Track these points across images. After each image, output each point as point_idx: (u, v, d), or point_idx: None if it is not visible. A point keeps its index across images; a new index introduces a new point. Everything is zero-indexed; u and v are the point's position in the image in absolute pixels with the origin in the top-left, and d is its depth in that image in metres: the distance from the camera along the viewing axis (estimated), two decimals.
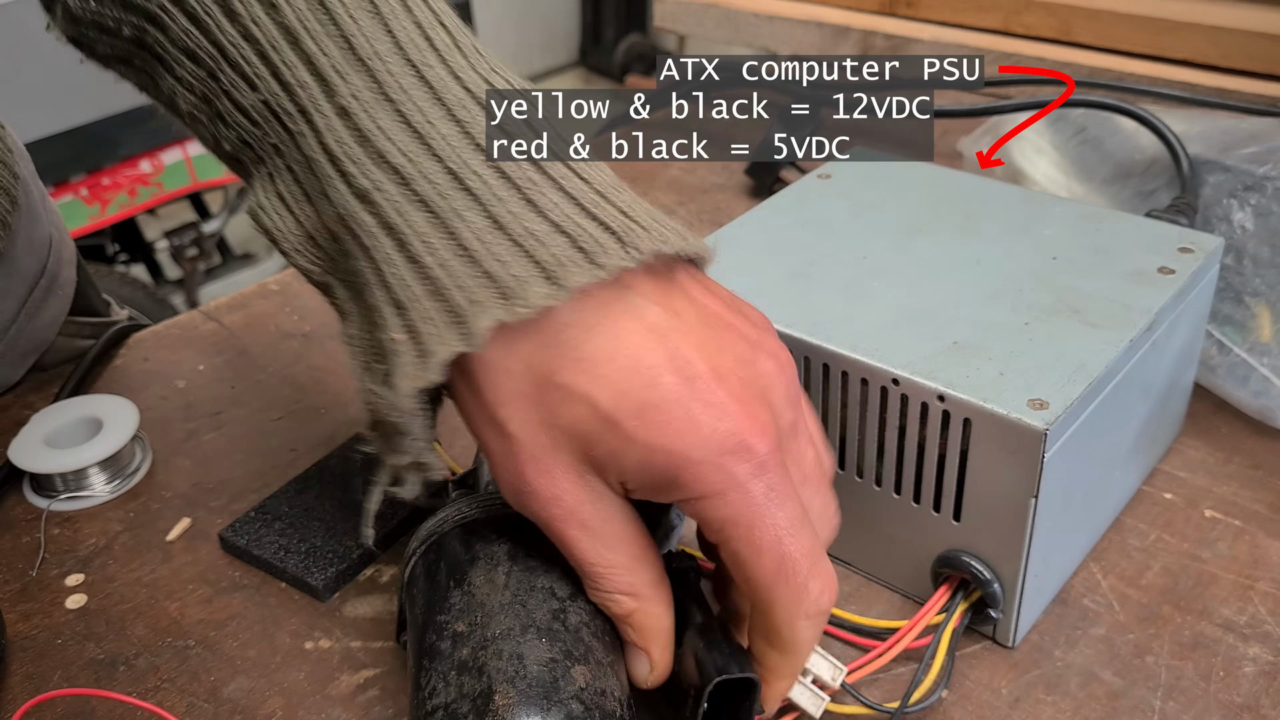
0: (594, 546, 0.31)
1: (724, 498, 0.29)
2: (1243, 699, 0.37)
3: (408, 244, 0.29)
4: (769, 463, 0.29)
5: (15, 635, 0.41)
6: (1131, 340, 0.38)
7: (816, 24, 0.91)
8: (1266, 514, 0.44)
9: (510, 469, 0.31)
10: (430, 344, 0.29)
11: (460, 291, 0.28)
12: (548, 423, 0.30)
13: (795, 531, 0.30)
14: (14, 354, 0.55)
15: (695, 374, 0.29)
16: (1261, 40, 0.74)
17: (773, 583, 0.30)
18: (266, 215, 0.32)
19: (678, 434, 0.29)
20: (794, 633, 0.31)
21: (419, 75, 0.30)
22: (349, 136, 0.30)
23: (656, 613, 0.32)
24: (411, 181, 0.29)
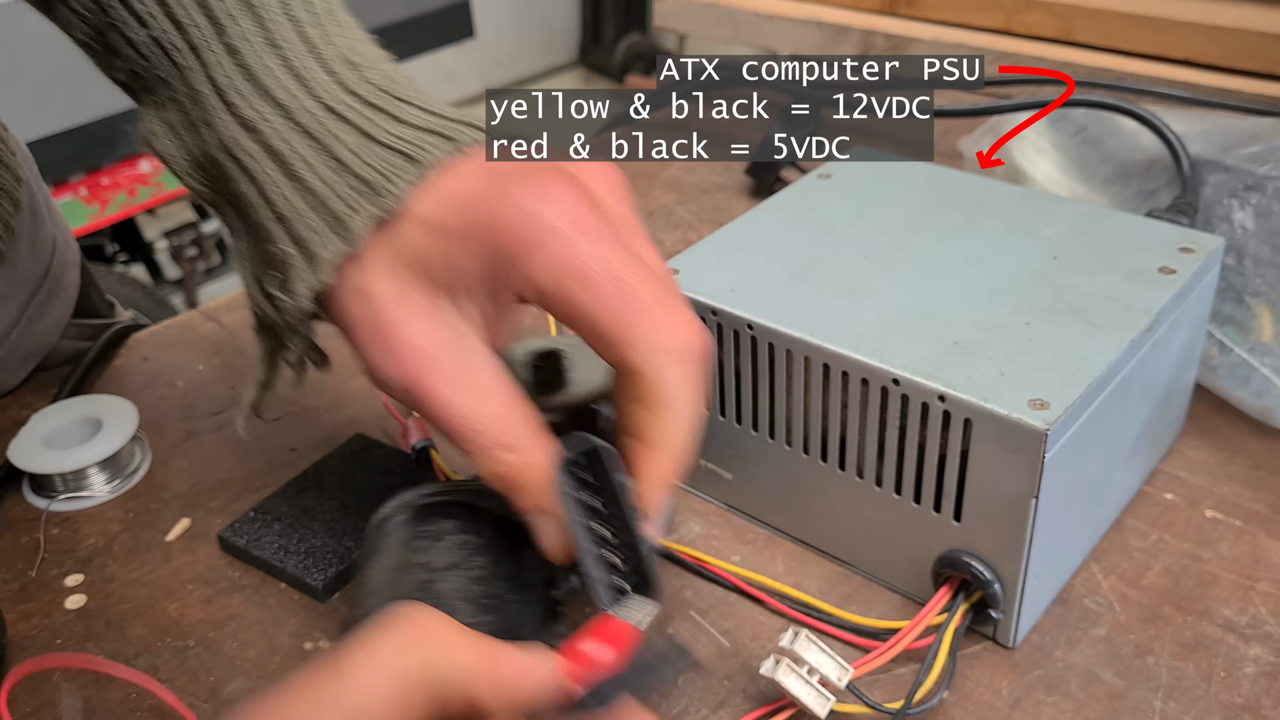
0: (460, 398, 0.32)
1: (545, 247, 0.31)
2: (1243, 699, 0.37)
3: (290, 166, 0.33)
4: (581, 209, 0.31)
5: (15, 635, 0.41)
6: (1132, 340, 0.38)
7: (817, 23, 0.90)
8: (1267, 514, 0.44)
9: (374, 331, 0.32)
10: (317, 249, 0.32)
11: (339, 200, 0.32)
12: (392, 264, 0.32)
13: (630, 264, 0.31)
14: (15, 358, 0.55)
15: (505, 171, 0.32)
16: (1262, 40, 0.74)
17: (618, 317, 0.30)
18: (158, 140, 0.36)
19: (492, 210, 0.31)
20: (657, 374, 0.30)
21: (300, 31, 0.34)
22: (236, 73, 0.34)
23: (539, 463, 0.32)
24: (293, 114, 0.33)
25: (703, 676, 0.39)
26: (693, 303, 0.42)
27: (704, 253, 0.45)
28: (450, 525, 0.35)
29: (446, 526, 0.35)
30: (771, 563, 0.44)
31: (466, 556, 0.34)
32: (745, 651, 0.40)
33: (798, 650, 0.35)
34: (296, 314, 0.33)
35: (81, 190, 1.81)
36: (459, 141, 0.33)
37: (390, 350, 0.32)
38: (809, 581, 0.43)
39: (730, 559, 0.43)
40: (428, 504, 0.35)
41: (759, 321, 0.41)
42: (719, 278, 0.43)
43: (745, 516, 0.46)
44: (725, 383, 0.43)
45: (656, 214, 0.71)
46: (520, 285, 0.32)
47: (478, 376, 0.32)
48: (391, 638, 0.25)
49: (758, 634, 0.40)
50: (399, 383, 0.32)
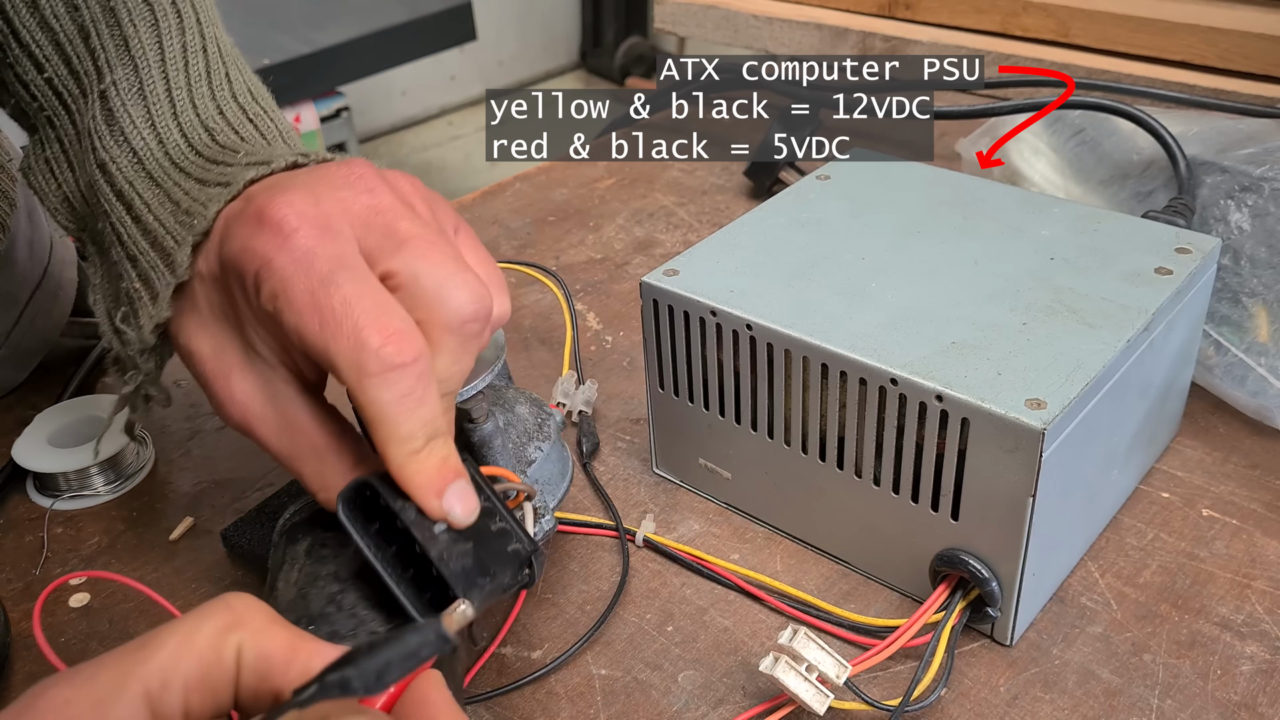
0: (278, 442, 0.33)
1: (262, 275, 0.31)
2: (1240, 697, 0.37)
3: (134, 207, 0.35)
4: (289, 231, 0.31)
5: (19, 634, 0.41)
6: (1129, 340, 0.38)
7: (816, 26, 0.91)
8: (1263, 513, 0.45)
9: (205, 387, 0.34)
10: (158, 285, 0.34)
11: (169, 236, 0.34)
12: (201, 322, 0.34)
13: (332, 284, 0.30)
14: (17, 356, 0.56)
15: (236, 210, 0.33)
16: (1258, 41, 0.74)
17: (320, 340, 0.30)
18: (34, 175, 0.38)
19: (225, 244, 0.32)
20: (365, 395, 0.30)
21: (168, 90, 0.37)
22: (103, 117, 0.36)
23: None
24: (145, 161, 0.36)
25: (701, 674, 0.39)
26: (693, 303, 0.43)
27: (704, 253, 0.45)
28: None
29: None
30: (770, 561, 0.44)
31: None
32: (744, 649, 0.40)
33: (796, 648, 0.35)
34: (140, 347, 0.35)
35: None
36: (233, 186, 0.34)
37: (220, 404, 0.34)
38: (807, 579, 0.43)
39: (729, 557, 0.44)
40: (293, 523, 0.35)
41: (758, 322, 0.41)
42: (718, 278, 0.43)
43: (744, 515, 0.46)
44: (725, 382, 0.43)
45: (657, 215, 0.71)
46: (262, 316, 0.32)
47: (288, 419, 0.33)
48: (206, 620, 0.25)
49: (757, 631, 0.41)
50: (237, 429, 0.34)
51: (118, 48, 0.36)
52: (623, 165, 0.78)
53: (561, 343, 0.58)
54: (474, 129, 3.09)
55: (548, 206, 0.73)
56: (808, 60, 0.93)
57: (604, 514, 0.46)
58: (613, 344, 0.58)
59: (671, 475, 0.48)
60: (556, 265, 0.66)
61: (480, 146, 3.05)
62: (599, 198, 0.74)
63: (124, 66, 0.36)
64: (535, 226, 0.71)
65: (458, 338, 0.32)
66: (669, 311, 0.44)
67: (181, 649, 0.24)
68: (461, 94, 3.18)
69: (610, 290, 0.63)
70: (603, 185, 0.75)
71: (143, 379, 0.37)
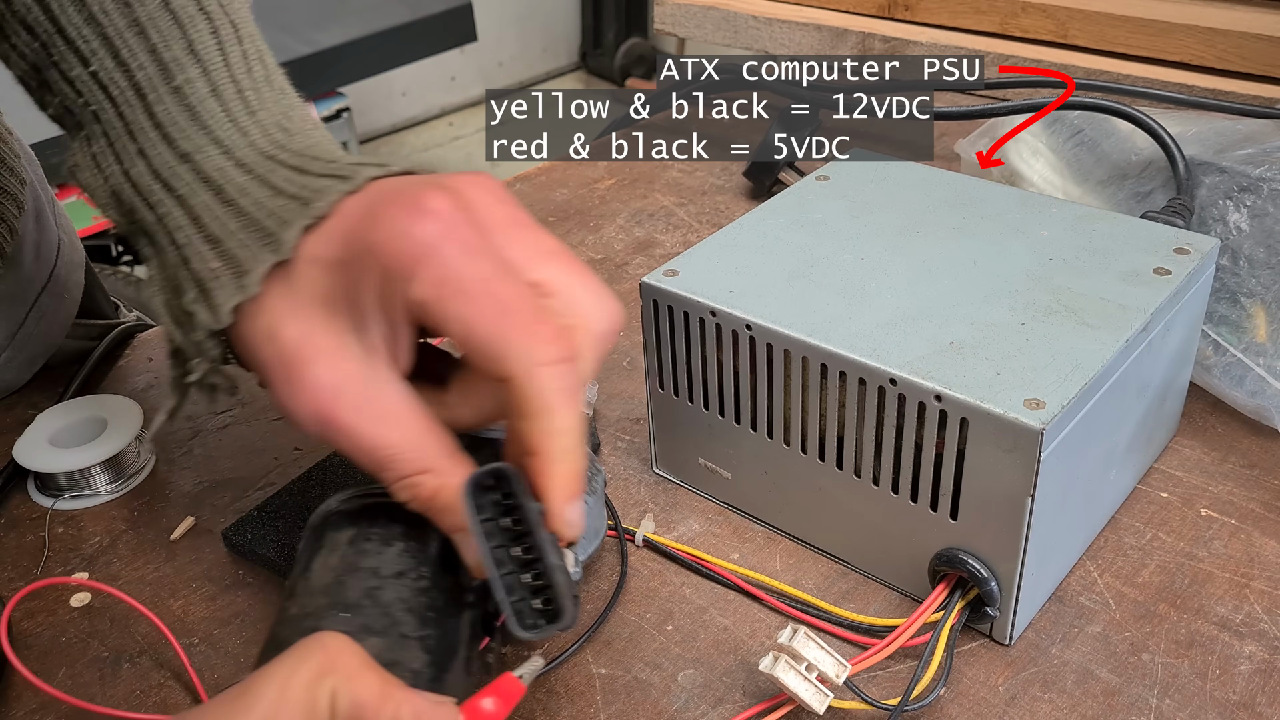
0: (373, 428, 0.33)
1: (423, 264, 0.31)
2: (1238, 696, 0.37)
3: (224, 191, 0.35)
4: (456, 223, 0.32)
5: (20, 633, 0.41)
6: (1127, 340, 0.39)
7: (815, 26, 0.91)
8: (1262, 513, 0.45)
9: (284, 372, 0.33)
10: (248, 264, 0.34)
11: (273, 217, 0.34)
12: (294, 307, 0.33)
13: (503, 277, 0.32)
14: (21, 359, 0.56)
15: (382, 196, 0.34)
16: (1257, 42, 0.74)
17: (494, 324, 0.31)
18: (81, 172, 0.38)
19: (371, 235, 0.32)
20: (534, 384, 0.31)
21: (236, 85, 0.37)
22: (179, 111, 0.36)
23: (453, 485, 0.33)
24: (231, 150, 0.36)
25: (701, 673, 0.39)
26: (693, 303, 0.43)
27: (703, 254, 0.45)
28: (399, 530, 0.35)
29: (396, 531, 0.34)
30: (770, 560, 0.44)
31: (414, 565, 0.34)
32: (744, 648, 0.40)
33: (796, 647, 0.35)
34: (211, 328, 0.35)
35: None
36: (354, 180, 0.34)
37: (298, 389, 0.33)
38: (807, 579, 0.43)
39: (729, 557, 0.44)
40: (375, 504, 0.35)
41: (758, 322, 0.41)
42: (718, 279, 0.44)
43: (743, 515, 0.46)
44: (724, 382, 0.43)
45: (656, 215, 0.71)
46: (409, 306, 0.32)
47: (386, 405, 0.33)
48: (302, 665, 0.25)
49: (756, 631, 0.41)
50: (312, 418, 0.33)
51: (184, 50, 0.37)
52: (623, 165, 0.78)
53: None
54: (474, 129, 3.09)
55: (548, 207, 0.73)
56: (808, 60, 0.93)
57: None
58: None
59: (671, 475, 0.48)
60: None
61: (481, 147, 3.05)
62: (599, 198, 0.74)
63: (193, 68, 0.37)
64: None
65: (600, 347, 0.35)
66: (669, 312, 0.44)
67: (280, 700, 0.25)
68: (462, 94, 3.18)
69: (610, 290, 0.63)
70: (603, 186, 0.76)
71: (208, 365, 0.36)
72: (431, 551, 0.34)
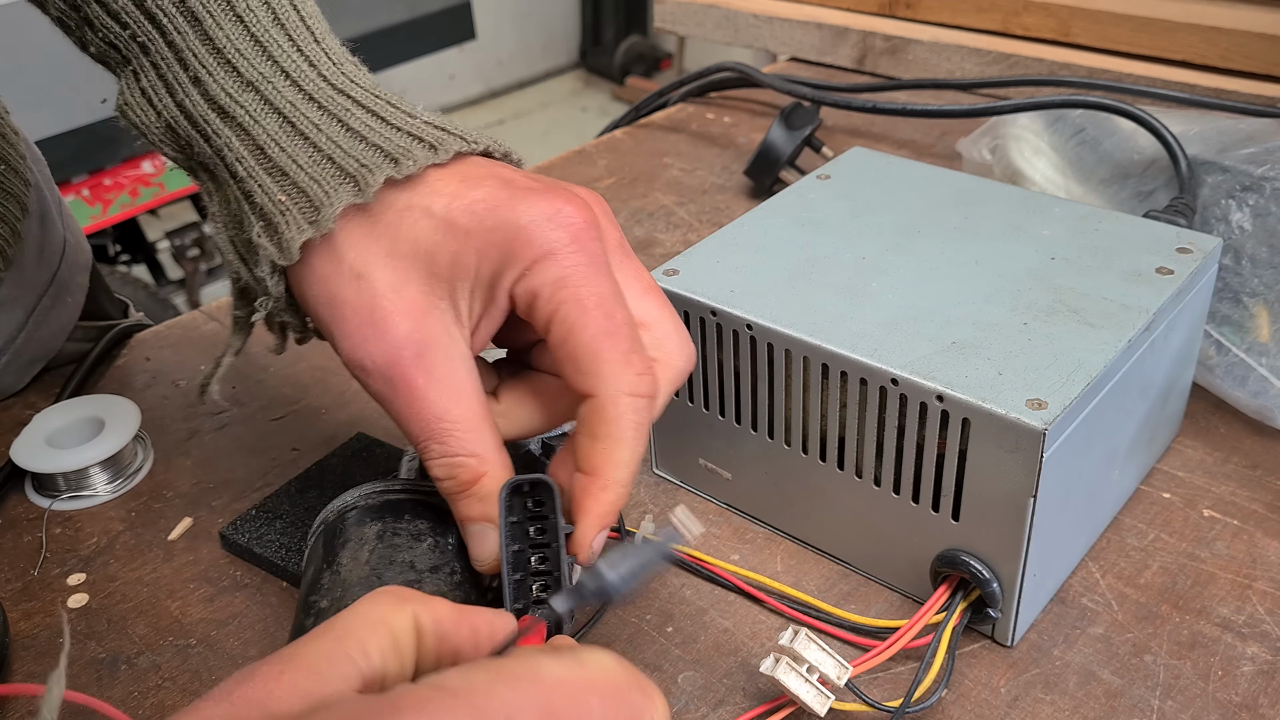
0: (439, 398, 0.33)
1: (553, 258, 0.32)
2: (1241, 698, 0.37)
3: (294, 123, 0.34)
4: (588, 235, 0.33)
5: (17, 634, 0.41)
6: (1130, 340, 0.38)
7: (816, 25, 0.91)
8: (1264, 513, 0.45)
9: (366, 315, 0.33)
10: (321, 199, 0.33)
11: (351, 159, 0.33)
12: (392, 253, 0.33)
13: (619, 300, 0.32)
14: (20, 362, 0.55)
15: (518, 182, 0.34)
16: (1259, 41, 0.74)
17: (599, 342, 0.32)
18: (133, 111, 0.36)
19: (507, 215, 0.32)
20: (616, 409, 0.32)
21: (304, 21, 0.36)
22: (241, 36, 0.35)
23: (494, 475, 0.33)
24: (299, 81, 0.35)
25: (701, 675, 0.39)
26: (693, 303, 0.43)
27: (704, 253, 0.45)
28: (426, 525, 0.35)
29: (423, 526, 0.35)
30: (771, 562, 0.44)
31: (446, 560, 0.34)
32: (745, 650, 0.40)
33: (797, 649, 0.35)
34: (280, 262, 0.34)
35: (84, 191, 1.82)
36: (467, 140, 0.35)
37: (379, 335, 0.33)
38: (808, 580, 0.43)
39: (730, 558, 0.44)
40: (399, 500, 0.35)
41: (758, 322, 0.41)
42: (719, 278, 0.43)
43: (744, 516, 0.46)
44: (725, 383, 0.43)
45: (656, 215, 0.71)
46: (519, 290, 0.33)
47: (458, 379, 0.33)
48: (378, 601, 0.26)
49: (757, 632, 0.40)
50: (381, 368, 0.33)
51: None
52: (623, 164, 0.78)
53: None
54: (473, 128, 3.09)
55: None
56: (808, 60, 0.92)
57: None
58: None
59: (671, 475, 0.48)
60: None
61: None
62: None
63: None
64: None
65: (675, 386, 0.35)
66: None
67: (370, 621, 0.25)
68: (461, 93, 3.18)
69: None
70: (603, 184, 0.75)
71: (273, 304, 0.35)
72: (454, 547, 0.35)
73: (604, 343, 0.32)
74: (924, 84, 0.76)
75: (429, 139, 0.34)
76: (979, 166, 0.62)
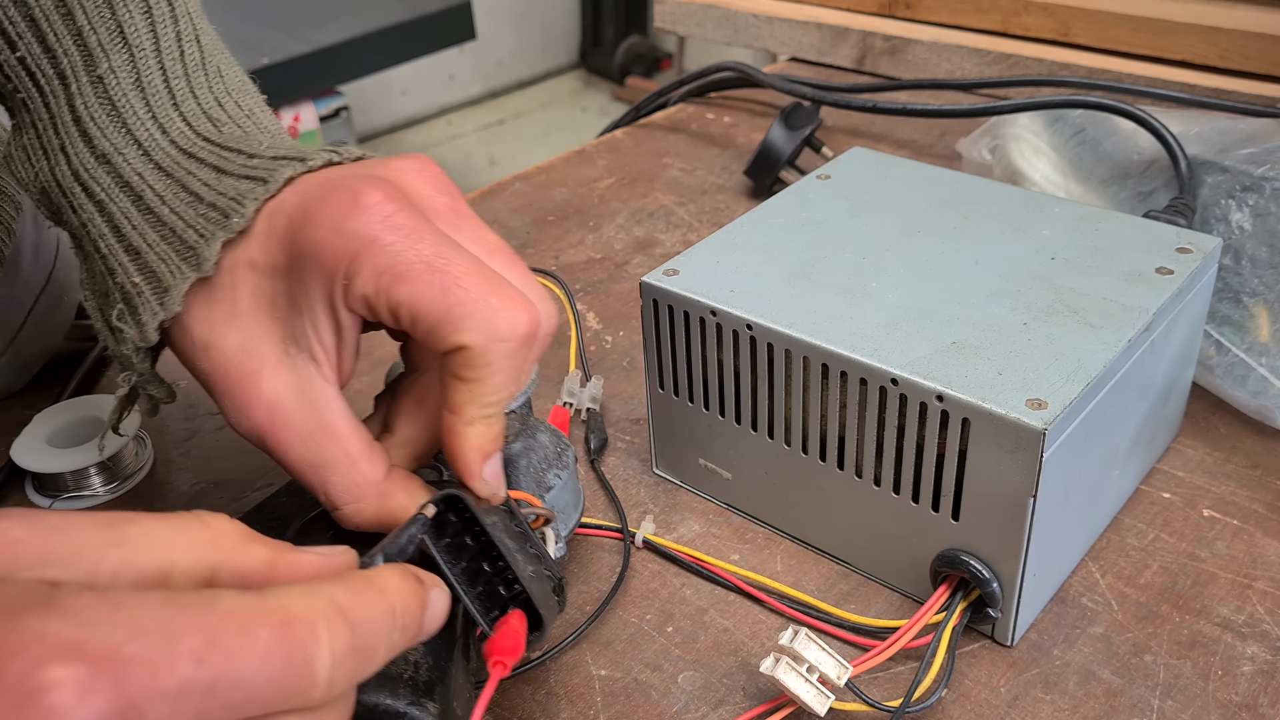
0: (308, 447, 0.32)
1: (363, 258, 0.30)
2: (1241, 698, 0.37)
3: (144, 198, 0.34)
4: (391, 211, 0.31)
5: None
6: (1130, 340, 0.38)
7: (816, 25, 0.91)
8: (1264, 513, 0.45)
9: (223, 386, 0.32)
10: (169, 280, 0.33)
11: (191, 230, 0.33)
12: (232, 314, 0.33)
13: (445, 252, 0.30)
14: (19, 362, 0.55)
15: (314, 193, 0.32)
16: (1259, 41, 0.74)
17: (438, 301, 0.30)
18: (14, 164, 0.36)
19: (308, 235, 0.31)
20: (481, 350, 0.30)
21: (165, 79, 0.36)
22: (98, 105, 0.35)
23: (395, 506, 0.32)
24: (151, 150, 0.35)
25: (701, 675, 0.39)
26: (693, 303, 0.43)
27: (703, 253, 0.45)
28: None
29: None
30: (770, 561, 0.44)
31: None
32: (744, 650, 0.40)
33: (797, 648, 0.35)
34: (139, 345, 0.33)
35: None
36: (271, 183, 0.33)
37: (239, 405, 0.32)
38: (808, 580, 0.43)
39: (729, 558, 0.44)
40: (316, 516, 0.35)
41: (758, 322, 0.41)
42: (718, 278, 0.43)
43: (744, 515, 0.46)
44: (725, 383, 0.43)
45: (656, 215, 0.71)
46: (352, 303, 0.31)
47: (326, 423, 0.32)
48: (180, 533, 0.25)
49: (757, 632, 0.40)
50: (252, 435, 0.32)
51: (110, 34, 0.35)
52: (623, 165, 0.78)
53: (561, 341, 0.58)
54: (473, 128, 3.09)
55: (547, 206, 0.73)
56: (808, 60, 0.92)
57: (606, 511, 0.46)
58: (613, 344, 0.58)
59: (671, 475, 0.48)
60: (556, 265, 0.66)
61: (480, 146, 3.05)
62: (599, 197, 0.74)
63: (119, 54, 0.35)
64: (535, 226, 0.71)
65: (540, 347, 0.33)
66: (669, 311, 0.44)
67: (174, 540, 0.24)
68: (461, 93, 3.18)
69: (610, 290, 0.63)
70: (602, 185, 0.75)
71: (137, 378, 0.36)
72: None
73: (440, 291, 0.30)
74: (924, 84, 0.76)
75: (261, 174, 0.33)
76: (979, 166, 0.62)
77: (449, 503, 0.32)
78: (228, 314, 0.32)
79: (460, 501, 0.31)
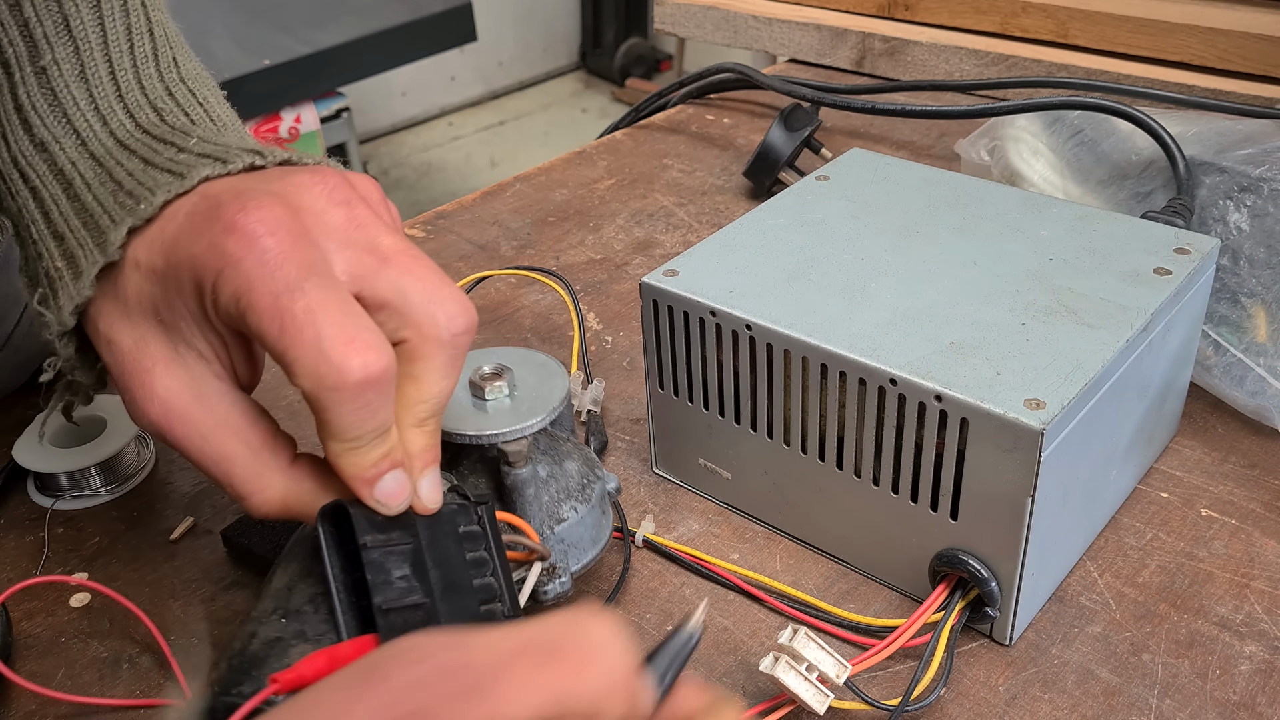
0: (206, 443, 0.32)
1: (224, 277, 0.30)
2: (1239, 697, 0.37)
3: (73, 185, 0.34)
4: (262, 235, 0.30)
5: (20, 634, 0.41)
6: (1128, 340, 0.39)
7: (815, 26, 0.91)
8: (1262, 513, 0.45)
9: (122, 381, 0.33)
10: (83, 264, 0.33)
11: (105, 215, 0.33)
12: (125, 312, 0.32)
13: (294, 291, 0.29)
14: (17, 358, 0.55)
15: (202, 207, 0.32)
16: (1257, 42, 0.74)
17: (280, 346, 0.29)
18: None
19: (187, 247, 0.31)
20: (321, 404, 0.29)
21: (111, 71, 0.36)
22: (40, 95, 0.35)
23: (306, 498, 0.32)
24: (89, 140, 0.35)
25: (701, 674, 0.39)
26: (692, 303, 0.43)
27: (703, 254, 0.45)
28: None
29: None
30: (770, 561, 0.44)
31: None
32: (744, 649, 0.40)
33: (796, 647, 0.35)
34: (59, 330, 0.34)
35: None
36: (187, 179, 0.33)
37: (136, 399, 0.32)
38: (807, 579, 0.43)
39: (729, 557, 0.44)
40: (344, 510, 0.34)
41: (757, 322, 0.41)
42: (718, 279, 0.43)
43: (743, 515, 0.46)
44: (724, 383, 0.43)
45: (656, 216, 0.71)
46: (221, 316, 0.31)
47: (222, 417, 0.32)
48: None
49: (756, 631, 0.41)
50: (152, 429, 0.33)
51: (57, 26, 0.35)
52: (623, 165, 0.78)
53: (562, 342, 0.58)
54: (474, 129, 3.09)
55: (548, 207, 0.73)
56: (807, 61, 0.93)
57: None
58: (613, 344, 0.58)
59: (671, 475, 0.48)
60: (556, 265, 0.66)
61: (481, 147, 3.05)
62: (599, 198, 0.74)
63: (64, 45, 0.35)
64: (535, 227, 0.71)
65: (449, 352, 0.32)
66: (669, 312, 0.44)
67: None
68: (462, 95, 3.18)
69: (610, 290, 0.63)
70: (603, 185, 0.75)
71: (63, 363, 0.35)
72: None
73: (284, 341, 0.29)
74: (923, 85, 0.76)
75: (181, 169, 0.33)
76: (977, 167, 0.62)
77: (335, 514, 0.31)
78: (123, 311, 0.33)
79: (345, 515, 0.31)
